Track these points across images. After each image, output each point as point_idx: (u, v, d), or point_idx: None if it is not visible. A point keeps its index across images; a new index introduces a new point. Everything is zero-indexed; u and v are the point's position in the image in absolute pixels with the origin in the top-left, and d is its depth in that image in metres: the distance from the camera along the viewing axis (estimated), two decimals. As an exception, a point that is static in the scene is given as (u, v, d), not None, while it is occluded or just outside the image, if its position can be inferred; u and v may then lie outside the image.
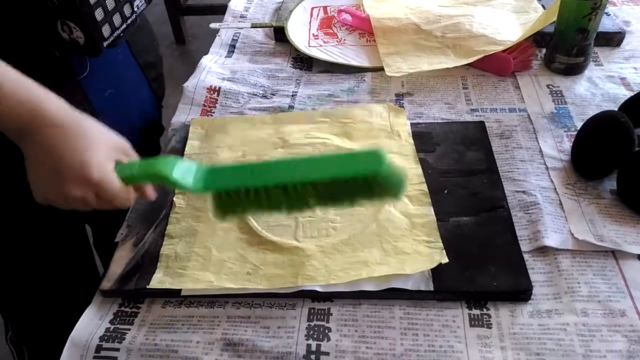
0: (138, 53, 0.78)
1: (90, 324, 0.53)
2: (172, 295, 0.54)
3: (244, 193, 0.49)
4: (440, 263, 0.53)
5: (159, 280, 0.55)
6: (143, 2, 0.68)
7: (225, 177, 0.50)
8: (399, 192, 0.49)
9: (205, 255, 0.57)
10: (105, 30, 0.62)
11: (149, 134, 0.83)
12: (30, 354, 0.90)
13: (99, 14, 0.60)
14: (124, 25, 0.65)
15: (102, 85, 0.71)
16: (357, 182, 0.47)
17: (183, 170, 0.50)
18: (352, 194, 0.48)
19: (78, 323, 0.53)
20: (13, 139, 0.48)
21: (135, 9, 0.67)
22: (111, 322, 0.53)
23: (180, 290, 0.54)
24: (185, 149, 0.70)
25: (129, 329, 0.52)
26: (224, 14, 1.04)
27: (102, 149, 0.48)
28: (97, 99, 0.69)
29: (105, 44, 0.63)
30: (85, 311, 0.54)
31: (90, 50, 0.62)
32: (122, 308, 0.54)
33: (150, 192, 0.53)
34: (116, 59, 0.74)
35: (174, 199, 0.63)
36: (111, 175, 0.48)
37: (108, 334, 0.52)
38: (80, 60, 0.66)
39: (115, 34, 0.64)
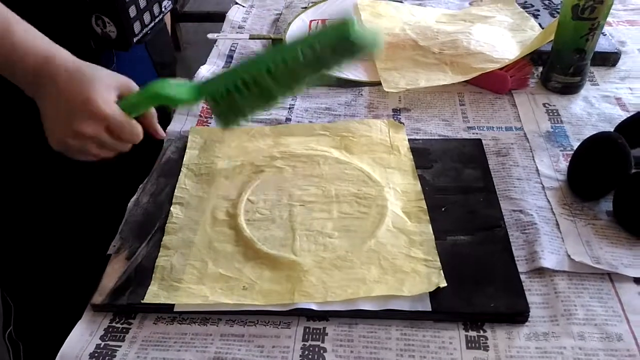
0: (155, 52, 0.80)
1: (81, 339, 0.52)
2: (164, 311, 0.53)
3: (237, 91, 0.53)
4: (439, 287, 0.53)
5: (153, 293, 0.53)
6: (170, 3, 0.72)
7: (216, 81, 0.54)
8: (374, 46, 0.54)
9: (201, 268, 0.56)
10: (136, 26, 0.66)
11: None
12: (26, 353, 0.88)
13: (132, 11, 0.64)
14: (152, 24, 0.69)
15: None
16: (337, 47, 0.52)
17: (177, 87, 0.54)
18: (335, 59, 0.53)
19: (68, 338, 0.52)
20: (29, 90, 0.52)
21: (163, 9, 0.71)
22: (102, 338, 0.52)
23: (174, 305, 0.53)
24: (184, 158, 0.70)
25: (120, 346, 0.51)
26: (220, 21, 1.04)
27: (104, 85, 0.52)
28: None
29: (135, 39, 0.66)
30: (76, 326, 0.53)
31: (120, 45, 0.66)
32: (113, 324, 0.53)
33: (159, 130, 0.57)
34: (136, 55, 0.75)
35: (172, 208, 0.63)
36: (115, 107, 0.52)
37: (98, 350, 0.50)
38: (108, 54, 0.70)
39: (144, 31, 0.68)
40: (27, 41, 0.51)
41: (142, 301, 0.53)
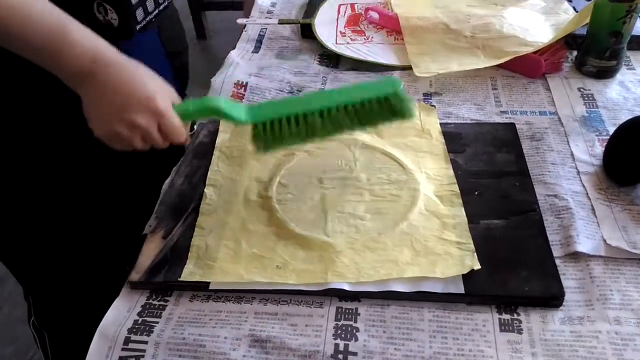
0: (166, 41, 0.79)
1: (119, 315, 0.53)
2: (200, 289, 0.54)
3: (285, 123, 0.57)
4: (472, 269, 0.52)
5: (189, 271, 0.54)
6: None
7: (268, 110, 0.58)
8: (411, 112, 0.59)
9: (235, 248, 0.57)
10: (139, 14, 0.65)
11: None
12: (52, 340, 0.91)
13: None
14: (156, 11, 0.68)
15: None
16: (381, 103, 0.57)
17: (232, 106, 0.57)
18: (376, 115, 0.58)
19: (106, 314, 0.53)
20: (74, 81, 0.53)
21: None
22: (139, 314, 0.53)
23: (209, 283, 0.54)
24: (217, 141, 0.71)
25: (157, 322, 0.52)
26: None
27: (164, 89, 0.54)
28: None
29: (137, 27, 0.65)
30: (114, 303, 0.54)
31: (122, 33, 0.64)
32: (150, 301, 0.54)
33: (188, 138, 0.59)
34: (145, 44, 0.75)
35: (205, 190, 0.63)
36: (171, 109, 0.54)
37: (136, 326, 0.52)
38: (112, 43, 0.68)
39: (148, 18, 0.67)
40: (82, 35, 0.52)
41: (178, 279, 0.54)
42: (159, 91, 0.53)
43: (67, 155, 0.71)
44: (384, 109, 0.57)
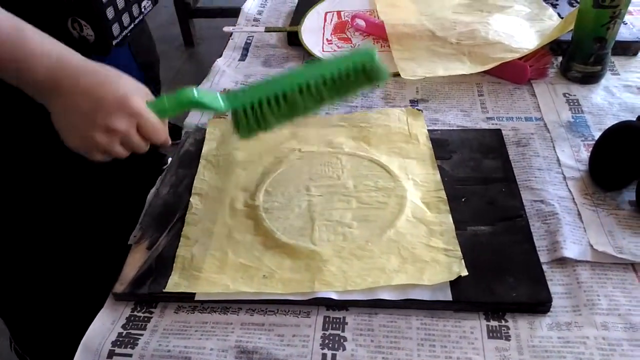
0: (137, 53, 0.78)
1: (102, 328, 0.52)
2: (185, 300, 0.54)
3: (266, 104, 0.55)
4: (460, 275, 0.52)
5: (175, 282, 0.54)
6: (150, 3, 0.70)
7: (246, 94, 0.56)
8: (386, 75, 0.58)
9: (221, 257, 0.56)
10: (115, 29, 0.64)
11: None
12: None
13: (110, 13, 0.62)
14: (132, 25, 0.67)
15: None
16: (358, 72, 0.56)
17: (207, 95, 0.55)
18: (354, 83, 0.57)
19: (90, 327, 0.52)
20: (41, 92, 0.50)
21: (143, 10, 0.68)
22: (123, 326, 0.52)
23: (194, 294, 0.53)
24: (203, 150, 0.70)
25: (142, 334, 0.51)
26: (233, 16, 1.04)
27: (135, 87, 0.52)
28: None
29: (114, 42, 0.64)
30: (98, 315, 0.53)
31: (99, 49, 0.63)
32: (135, 312, 0.53)
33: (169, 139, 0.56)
34: (117, 57, 0.72)
35: (191, 199, 0.63)
36: (147, 108, 0.51)
37: (120, 339, 0.51)
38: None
39: (124, 33, 0.65)
40: (41, 43, 0.49)
41: (163, 290, 0.53)
42: (132, 90, 0.51)
43: (48, 164, 0.69)
44: (361, 77, 0.56)
